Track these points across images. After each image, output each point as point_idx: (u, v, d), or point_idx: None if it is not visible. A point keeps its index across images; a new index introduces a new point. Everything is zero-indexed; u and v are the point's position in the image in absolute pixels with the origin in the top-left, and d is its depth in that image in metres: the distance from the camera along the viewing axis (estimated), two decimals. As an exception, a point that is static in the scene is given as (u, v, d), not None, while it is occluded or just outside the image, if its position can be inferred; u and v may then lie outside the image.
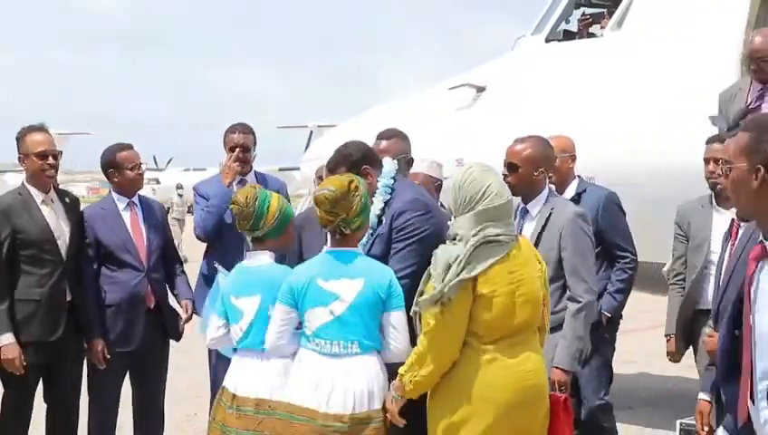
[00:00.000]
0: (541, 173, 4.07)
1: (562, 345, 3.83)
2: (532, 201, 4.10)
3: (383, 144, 4.31)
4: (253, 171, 5.16)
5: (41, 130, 4.51)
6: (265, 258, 3.75)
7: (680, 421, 4.35)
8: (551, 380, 3.59)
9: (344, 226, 3.47)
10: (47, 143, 4.49)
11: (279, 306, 3.54)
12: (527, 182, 4.05)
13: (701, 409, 3.26)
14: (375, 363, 3.43)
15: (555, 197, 4.20)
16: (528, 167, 4.03)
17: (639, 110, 6.29)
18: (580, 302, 3.88)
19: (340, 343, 3.41)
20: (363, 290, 3.41)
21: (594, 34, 7.43)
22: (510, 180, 3.94)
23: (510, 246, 3.25)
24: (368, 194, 3.61)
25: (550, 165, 4.21)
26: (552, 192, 4.23)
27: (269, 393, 3.53)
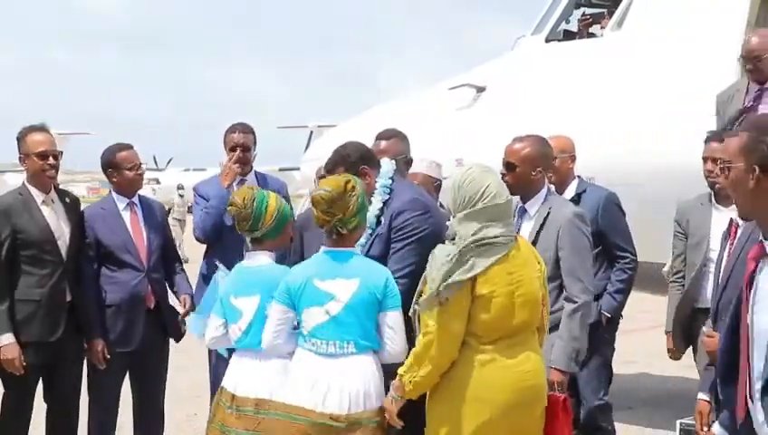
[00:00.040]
0: (539, 172, 4.06)
1: (559, 346, 3.83)
2: (531, 200, 4.10)
3: (382, 144, 4.30)
4: (253, 171, 5.16)
5: (41, 130, 4.51)
6: (265, 258, 3.75)
7: (680, 421, 4.34)
8: (548, 380, 3.59)
9: (341, 226, 3.47)
10: (48, 143, 4.49)
11: (276, 306, 3.54)
12: (525, 181, 4.04)
13: (700, 409, 3.26)
14: (371, 364, 3.43)
15: (554, 196, 4.20)
16: (526, 166, 4.03)
17: (639, 110, 6.29)
18: (577, 302, 3.88)
19: (336, 342, 3.41)
20: (359, 290, 3.41)
21: (594, 34, 7.42)
22: (508, 179, 3.93)
23: (509, 247, 3.26)
24: (366, 194, 3.61)
25: (548, 164, 4.21)
26: (551, 191, 4.23)
27: (268, 393, 3.54)
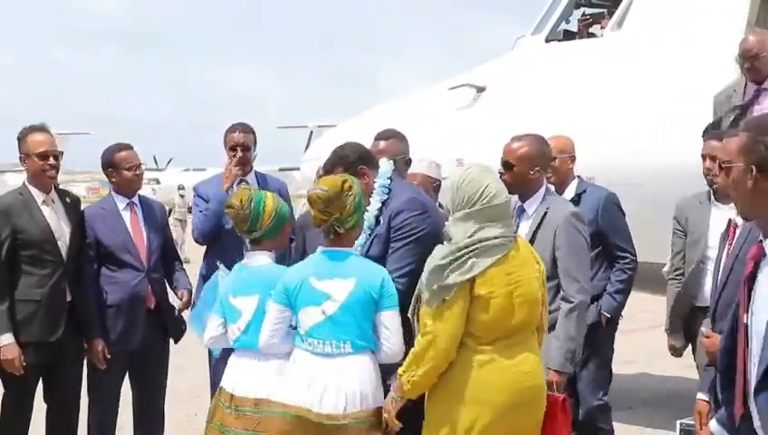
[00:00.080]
0: (537, 172, 4.03)
1: (555, 346, 3.81)
2: (529, 200, 4.08)
3: (381, 145, 4.29)
4: (253, 171, 5.16)
5: (42, 130, 4.51)
6: (264, 258, 3.76)
7: (680, 422, 4.33)
8: (546, 380, 3.59)
9: (338, 225, 3.47)
10: (48, 144, 4.49)
11: (273, 305, 3.53)
12: (523, 180, 4.02)
13: (700, 409, 3.27)
14: (368, 363, 3.42)
15: (552, 195, 4.17)
16: (523, 165, 4.01)
17: (639, 110, 6.29)
18: (573, 302, 3.86)
19: (333, 342, 3.41)
20: (355, 290, 3.40)
21: (594, 34, 7.42)
22: (506, 178, 3.91)
23: (508, 248, 3.25)
24: (365, 195, 3.60)
25: (546, 164, 4.19)
26: (550, 191, 4.20)
27: (267, 393, 3.53)
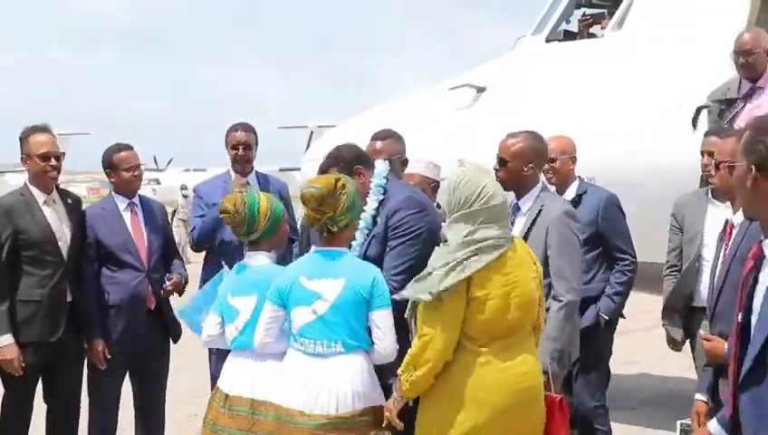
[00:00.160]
0: (531, 169, 3.98)
1: (543, 345, 3.81)
2: (524, 197, 4.02)
3: (378, 145, 4.29)
4: (254, 172, 5.18)
5: (44, 130, 4.51)
6: (263, 259, 3.76)
7: (680, 422, 4.33)
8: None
9: (331, 223, 3.47)
10: (50, 145, 4.49)
11: (267, 305, 3.54)
12: (517, 177, 3.97)
13: (698, 409, 3.27)
14: (361, 363, 3.41)
15: (546, 193, 4.12)
16: (517, 162, 3.96)
17: (639, 110, 6.28)
18: (562, 301, 3.82)
19: (324, 342, 3.40)
20: (344, 290, 3.39)
21: (594, 35, 7.42)
22: (500, 175, 3.89)
23: (505, 248, 3.23)
24: (361, 195, 3.61)
25: (541, 161, 4.12)
26: (545, 188, 4.15)
27: (263, 394, 3.53)
